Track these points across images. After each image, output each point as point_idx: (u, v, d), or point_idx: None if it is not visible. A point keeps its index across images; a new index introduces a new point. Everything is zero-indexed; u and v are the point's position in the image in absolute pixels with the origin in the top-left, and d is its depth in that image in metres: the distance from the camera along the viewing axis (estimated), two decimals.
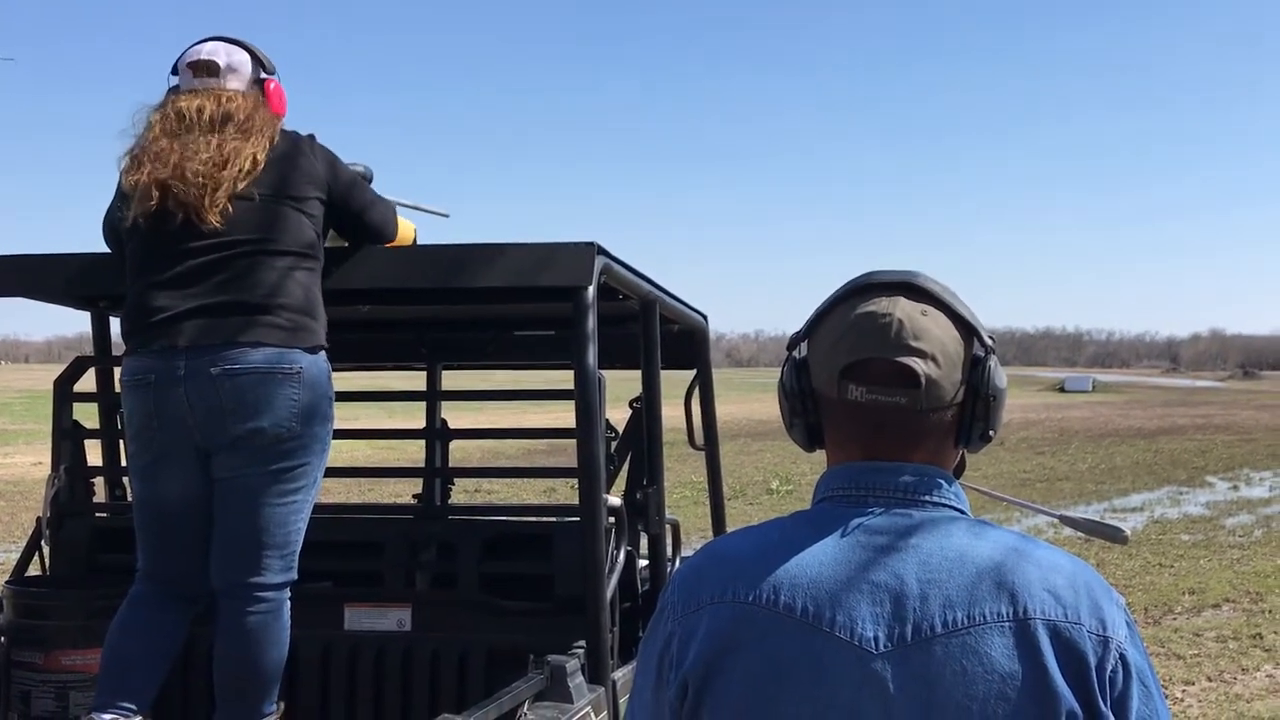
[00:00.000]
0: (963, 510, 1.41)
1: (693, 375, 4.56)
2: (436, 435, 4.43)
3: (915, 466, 1.40)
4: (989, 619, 1.30)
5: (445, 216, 3.81)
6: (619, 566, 3.25)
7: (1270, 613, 8.87)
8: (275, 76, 3.16)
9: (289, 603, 2.94)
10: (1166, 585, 10.01)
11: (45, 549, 3.55)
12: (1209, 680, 7.03)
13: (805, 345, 1.46)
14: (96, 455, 3.74)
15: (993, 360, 1.43)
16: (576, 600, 3.08)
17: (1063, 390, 75.27)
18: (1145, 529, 13.47)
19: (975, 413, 1.42)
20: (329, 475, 3.11)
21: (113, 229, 3.08)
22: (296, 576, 2.96)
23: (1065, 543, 10.59)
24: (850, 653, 1.31)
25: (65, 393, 3.63)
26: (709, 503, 4.91)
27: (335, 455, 3.07)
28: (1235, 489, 18.17)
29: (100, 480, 3.73)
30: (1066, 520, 2.44)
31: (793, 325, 1.53)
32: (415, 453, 5.30)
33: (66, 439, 3.61)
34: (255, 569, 2.88)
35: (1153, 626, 8.37)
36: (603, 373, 3.12)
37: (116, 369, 3.22)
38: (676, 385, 4.32)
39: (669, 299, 3.82)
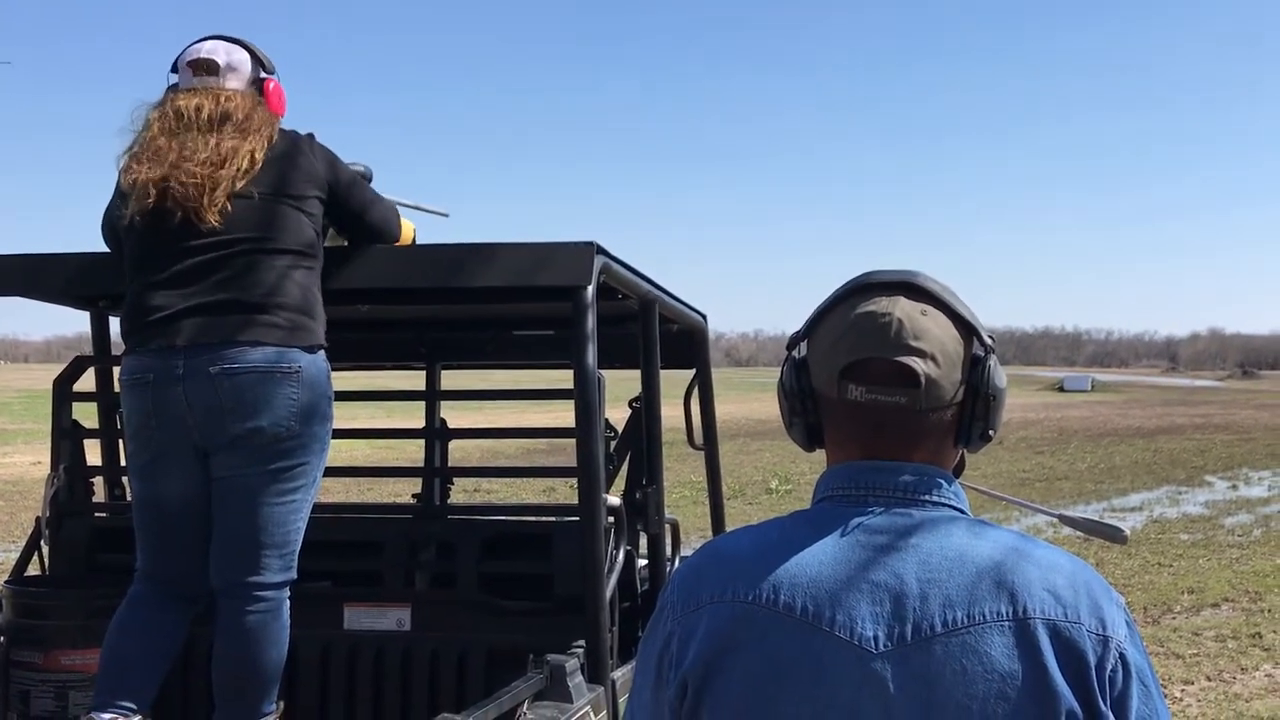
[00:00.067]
0: (963, 510, 1.41)
1: (692, 375, 4.56)
2: (436, 435, 4.43)
3: (915, 466, 1.40)
4: (989, 618, 1.30)
5: (445, 216, 3.81)
6: (618, 566, 3.25)
7: (1269, 612, 8.87)
8: (275, 76, 3.16)
9: (288, 602, 2.94)
10: (1166, 585, 10.01)
11: (44, 548, 3.55)
12: (1208, 679, 7.04)
13: (805, 345, 1.46)
14: (96, 455, 3.74)
15: (992, 360, 1.43)
16: (576, 600, 3.08)
17: (1062, 390, 75.25)
18: (1144, 528, 13.46)
19: (975, 412, 1.42)
20: (328, 475, 3.10)
21: (111, 227, 3.07)
22: (296, 576, 2.96)
23: (1065, 542, 10.59)
24: (850, 652, 1.31)
25: (64, 392, 3.62)
26: (708, 502, 4.91)
27: (334, 455, 3.07)
28: (1234, 488, 18.17)
29: (99, 480, 3.72)
30: (1066, 520, 2.44)
31: (792, 325, 1.53)
32: (414, 452, 5.30)
33: (66, 438, 3.60)
34: (254, 568, 2.88)
35: (1152, 626, 8.37)
36: (602, 372, 3.12)
37: (116, 368, 3.22)
38: (676, 385, 4.32)
39: (668, 299, 3.81)
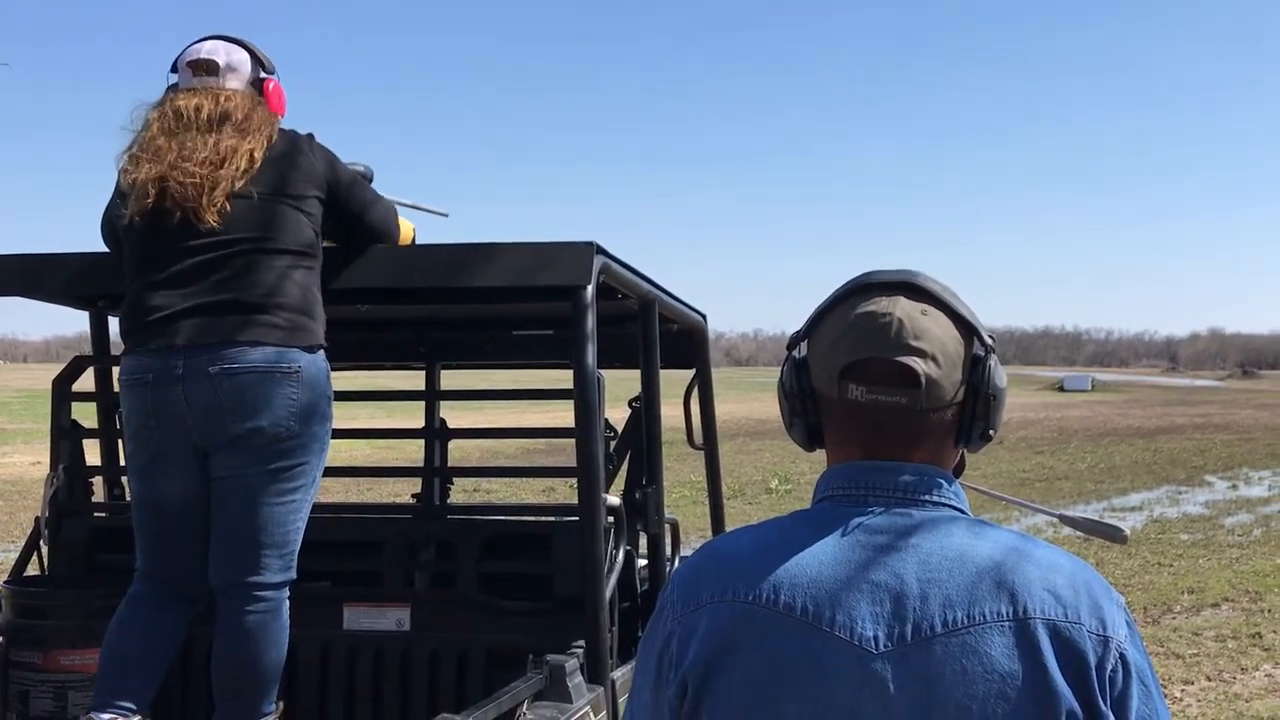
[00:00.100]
0: (963, 510, 1.41)
1: (692, 374, 4.56)
2: (435, 435, 4.42)
3: (915, 466, 1.40)
4: (989, 618, 1.30)
5: (445, 216, 3.81)
6: (618, 566, 3.25)
7: (1269, 612, 8.87)
8: (274, 76, 3.16)
9: (288, 602, 2.94)
10: (1165, 584, 10.01)
11: (44, 548, 3.55)
12: (1208, 679, 7.03)
13: (805, 345, 1.46)
14: (95, 455, 3.73)
15: (993, 359, 1.43)
16: (575, 600, 3.08)
17: (1062, 389, 75.28)
18: (1144, 528, 13.46)
19: (975, 412, 1.42)
20: (328, 475, 3.10)
21: (111, 227, 3.07)
22: (295, 576, 2.96)
23: (1065, 542, 10.59)
24: (850, 652, 1.31)
25: (64, 392, 3.62)
26: (708, 502, 4.91)
27: (334, 454, 3.06)
28: (1234, 488, 18.17)
29: (99, 480, 3.72)
30: (1066, 520, 2.44)
31: (792, 325, 1.53)
32: (414, 452, 5.29)
33: (65, 438, 3.60)
34: (254, 568, 2.88)
35: (1152, 626, 8.36)
36: (602, 372, 3.12)
37: (115, 368, 3.22)
38: (676, 385, 4.32)
39: (668, 298, 3.81)
